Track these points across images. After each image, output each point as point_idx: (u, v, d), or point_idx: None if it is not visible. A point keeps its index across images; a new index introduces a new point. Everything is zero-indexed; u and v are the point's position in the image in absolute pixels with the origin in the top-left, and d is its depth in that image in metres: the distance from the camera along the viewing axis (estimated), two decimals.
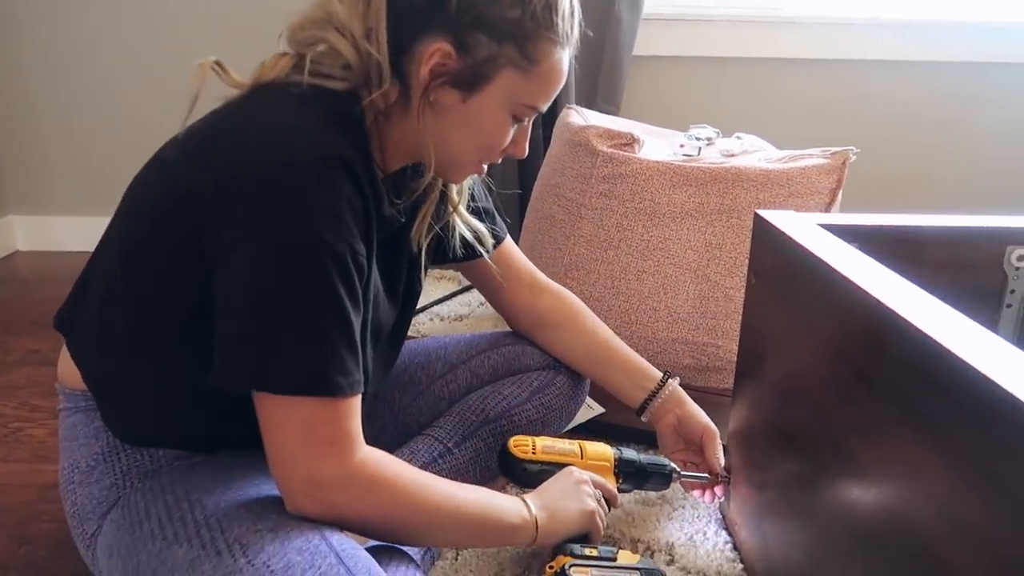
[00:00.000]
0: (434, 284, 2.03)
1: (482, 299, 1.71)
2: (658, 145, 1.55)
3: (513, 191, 1.97)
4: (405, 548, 0.83)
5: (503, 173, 2.15)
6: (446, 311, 1.80)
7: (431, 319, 1.75)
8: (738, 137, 1.67)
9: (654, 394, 1.03)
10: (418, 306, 1.78)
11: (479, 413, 1.00)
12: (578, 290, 1.42)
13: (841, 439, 0.69)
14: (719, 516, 1.06)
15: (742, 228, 1.37)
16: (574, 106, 1.69)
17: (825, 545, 0.73)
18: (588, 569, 0.82)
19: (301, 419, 0.68)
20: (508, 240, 1.04)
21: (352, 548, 0.69)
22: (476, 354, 1.06)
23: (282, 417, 0.69)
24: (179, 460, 0.79)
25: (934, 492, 0.54)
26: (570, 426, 1.16)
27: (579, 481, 0.89)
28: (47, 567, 0.94)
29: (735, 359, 1.03)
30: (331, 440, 0.69)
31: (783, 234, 0.85)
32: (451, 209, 0.91)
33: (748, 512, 0.95)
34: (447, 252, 0.97)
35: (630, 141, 1.43)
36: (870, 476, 0.64)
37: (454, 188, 0.91)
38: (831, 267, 0.71)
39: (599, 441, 1.01)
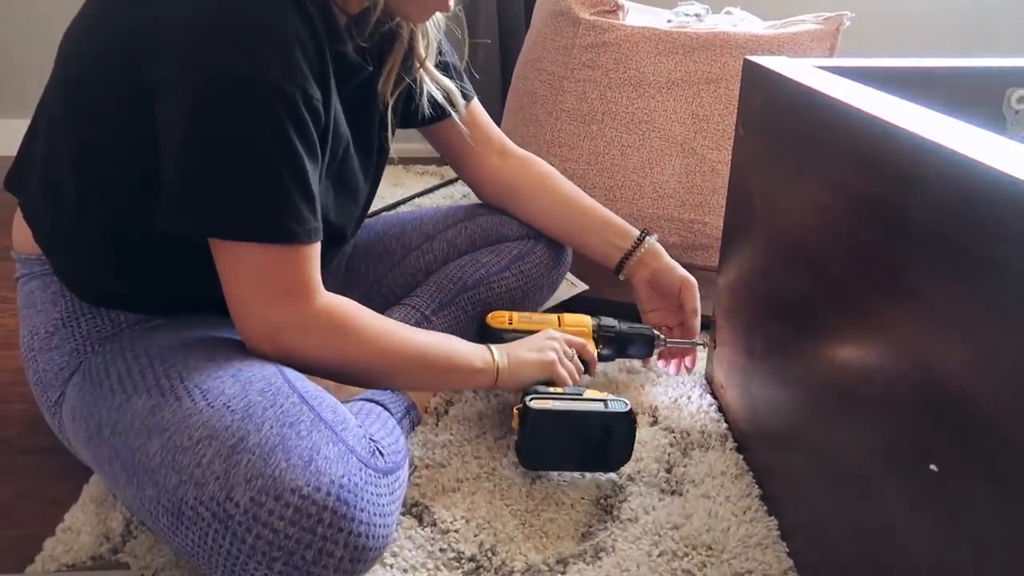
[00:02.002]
0: (415, 179, 1.97)
1: (467, 191, 1.67)
2: (644, 20, 1.47)
3: (483, 40, 1.91)
4: (387, 405, 0.81)
5: (484, 60, 2.08)
6: (428, 203, 1.75)
7: None
8: (728, 12, 1.59)
9: (631, 252, 1.00)
10: (400, 199, 1.75)
11: (456, 281, 0.97)
12: (561, 167, 1.37)
13: (844, 292, 0.64)
14: (704, 382, 1.04)
15: (730, 98, 1.31)
16: None
17: (812, 405, 0.71)
18: (549, 400, 0.82)
19: (256, 266, 0.66)
20: (475, 101, 1.00)
21: (315, 389, 0.67)
22: (453, 224, 1.02)
23: (237, 264, 0.67)
24: (139, 323, 0.76)
25: (967, 347, 0.48)
26: (551, 303, 1.14)
27: (548, 337, 0.89)
28: (19, 443, 0.92)
29: (722, 236, 1.00)
30: (288, 288, 0.68)
31: (779, 75, 0.80)
32: (418, 64, 0.86)
33: (735, 375, 0.94)
34: (416, 113, 0.92)
35: (614, 8, 1.35)
36: (869, 333, 0.60)
37: (421, 42, 0.85)
38: (843, 103, 0.64)
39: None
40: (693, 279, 1.01)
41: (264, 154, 0.63)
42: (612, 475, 0.85)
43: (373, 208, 1.68)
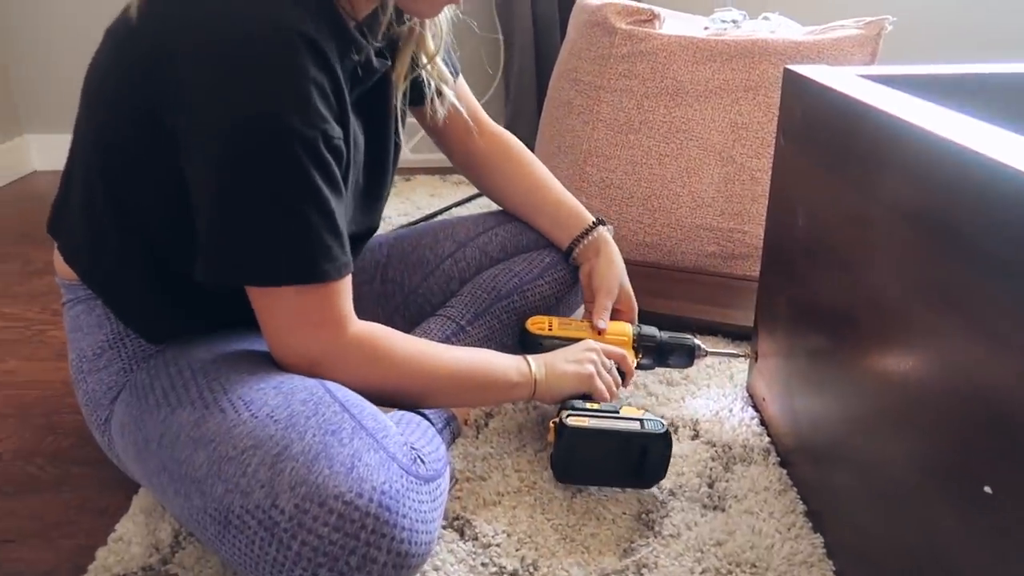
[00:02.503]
0: (451, 188, 1.99)
1: None
2: (680, 28, 1.47)
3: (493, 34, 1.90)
4: (428, 416, 0.81)
5: (520, 67, 2.08)
6: (464, 213, 1.76)
7: None
8: (765, 18, 1.57)
9: (578, 239, 1.00)
10: (436, 209, 1.76)
11: (491, 291, 0.97)
12: (598, 177, 1.37)
13: (890, 305, 0.63)
14: (745, 395, 1.03)
15: (769, 106, 1.30)
16: None
17: (858, 419, 0.70)
18: (586, 418, 0.81)
19: (290, 306, 0.68)
20: (460, 77, 1.00)
21: (356, 398, 0.68)
22: (484, 231, 1.03)
23: (272, 306, 0.68)
24: (181, 339, 0.78)
25: (1019, 363, 0.47)
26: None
27: (586, 348, 0.89)
28: (72, 454, 0.95)
29: (762, 244, 0.98)
30: (321, 322, 0.69)
31: (820, 85, 0.79)
32: (427, 59, 0.86)
33: (777, 388, 0.92)
34: (421, 99, 0.92)
35: (650, 17, 1.35)
36: (917, 346, 0.59)
37: (430, 37, 0.85)
38: (888, 114, 0.63)
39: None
40: (615, 284, 0.98)
41: (291, 201, 0.64)
42: (653, 490, 0.84)
43: (411, 220, 1.70)
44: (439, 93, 0.91)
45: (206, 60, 0.62)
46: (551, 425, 0.83)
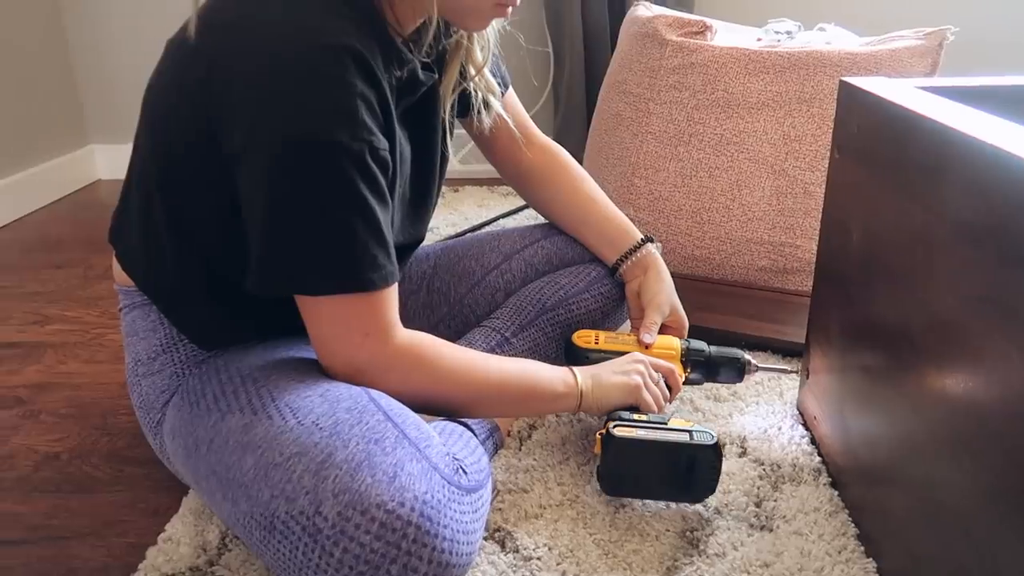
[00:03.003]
0: (499, 199, 1.99)
1: None
2: (733, 40, 1.45)
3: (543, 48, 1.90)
4: (471, 427, 0.82)
5: (569, 80, 2.09)
6: (512, 224, 1.76)
7: None
8: (821, 29, 1.54)
9: (626, 256, 0.99)
10: (485, 219, 1.77)
11: (535, 303, 0.97)
12: (647, 190, 1.36)
13: (949, 324, 0.61)
14: (795, 412, 1.01)
15: (824, 118, 1.28)
16: (643, 2, 1.59)
17: (913, 440, 0.67)
18: (633, 429, 0.80)
19: (337, 314, 0.69)
20: (510, 89, 1.00)
21: (400, 407, 0.68)
22: (530, 244, 1.03)
23: (320, 313, 0.69)
24: (232, 345, 0.80)
25: None
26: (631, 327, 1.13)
27: (634, 360, 0.88)
28: (126, 455, 0.97)
29: (815, 259, 0.96)
30: (367, 331, 0.70)
31: (878, 97, 0.77)
32: (475, 71, 0.87)
33: (829, 406, 0.90)
34: (467, 109, 0.93)
35: (702, 29, 1.34)
36: (977, 365, 0.56)
37: (478, 49, 0.86)
38: (950, 128, 0.60)
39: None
40: (666, 301, 0.97)
41: (338, 213, 0.65)
42: (698, 507, 0.83)
43: (458, 230, 1.71)
44: (486, 104, 0.91)
45: (257, 77, 0.64)
46: (597, 437, 0.82)
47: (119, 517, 0.86)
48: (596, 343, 0.94)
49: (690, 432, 0.80)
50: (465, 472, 0.66)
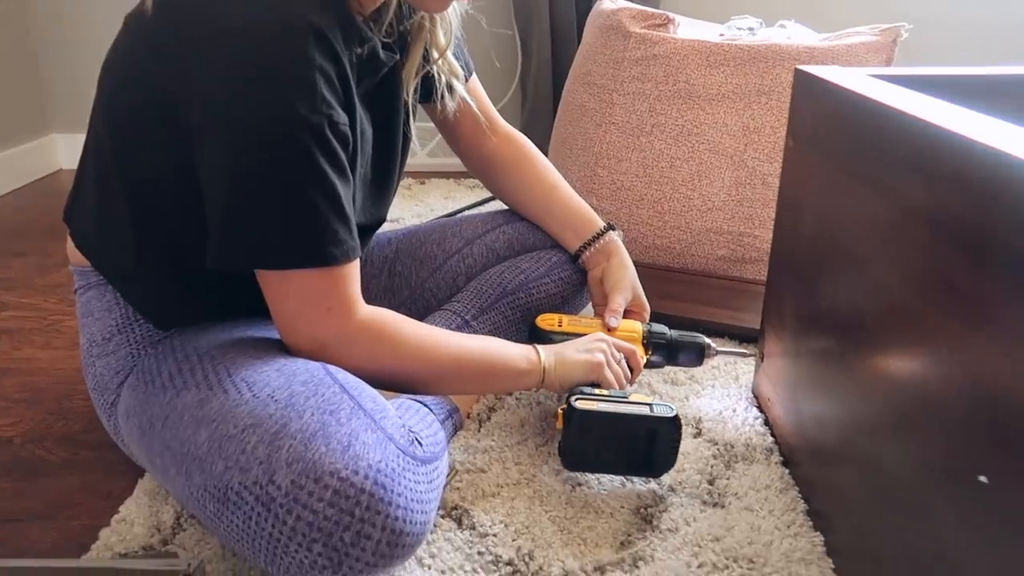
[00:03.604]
0: (466, 192, 2.00)
1: None
2: (696, 34, 1.47)
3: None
4: (430, 407, 0.82)
5: (536, 74, 2.10)
6: None
7: None
8: (782, 26, 1.57)
9: (589, 243, 1.00)
10: (450, 211, 1.77)
11: (496, 287, 0.98)
12: (609, 180, 1.38)
13: (897, 305, 0.63)
14: (750, 395, 1.03)
15: (782, 110, 1.30)
16: None
17: (861, 419, 0.69)
18: (595, 402, 0.81)
19: (299, 289, 0.69)
20: (474, 76, 1.00)
21: (356, 381, 0.69)
22: (492, 229, 1.04)
23: (281, 289, 0.69)
24: (189, 325, 0.79)
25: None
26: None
27: (597, 339, 0.89)
28: (81, 439, 0.96)
29: (771, 247, 0.98)
30: (329, 306, 0.70)
31: (831, 84, 0.79)
32: (438, 54, 0.87)
33: (782, 388, 0.92)
34: (431, 93, 0.93)
35: (664, 22, 1.35)
36: (922, 345, 0.58)
37: (440, 32, 0.86)
38: (900, 111, 0.62)
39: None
40: (629, 285, 0.99)
41: (299, 186, 0.65)
42: (653, 485, 0.84)
43: (423, 222, 1.71)
44: (449, 88, 0.92)
45: (216, 51, 0.63)
46: (559, 412, 0.82)
47: (72, 500, 0.85)
48: (560, 326, 0.96)
49: (650, 405, 0.81)
50: (420, 444, 0.66)
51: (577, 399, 0.81)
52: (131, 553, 0.75)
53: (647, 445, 0.80)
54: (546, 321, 0.96)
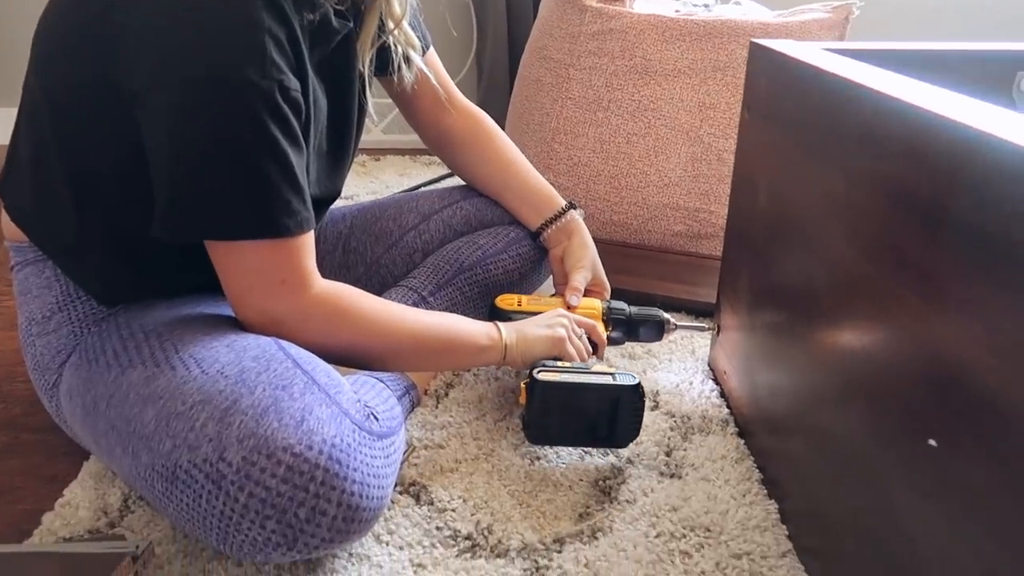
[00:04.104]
0: (423, 169, 1.97)
1: None
2: (652, 9, 1.46)
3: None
4: (386, 383, 0.81)
5: (493, 49, 2.08)
6: None
7: None
8: (737, 2, 1.58)
9: (550, 221, 1.00)
10: (406, 188, 1.75)
11: (453, 263, 0.97)
12: (566, 155, 1.37)
13: (849, 274, 0.63)
14: (706, 368, 1.04)
15: (737, 86, 1.30)
16: None
17: (814, 389, 0.70)
18: (558, 373, 0.81)
19: (251, 262, 0.67)
20: (431, 50, 0.98)
21: (310, 356, 0.67)
22: (448, 205, 1.02)
23: (232, 261, 0.67)
24: (135, 302, 0.77)
25: (973, 325, 0.47)
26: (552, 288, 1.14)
27: (557, 314, 0.88)
28: (22, 422, 0.93)
29: (726, 220, 0.98)
30: (283, 279, 0.68)
31: (785, 56, 0.79)
32: (394, 24, 0.85)
33: (738, 361, 0.93)
34: (387, 66, 0.90)
35: None
36: (871, 312, 0.59)
37: (395, 2, 0.83)
38: (852, 82, 0.62)
39: None
40: (590, 264, 0.99)
41: (249, 153, 0.63)
42: (611, 458, 0.84)
43: (379, 198, 1.68)
44: (406, 59, 0.90)
45: (158, 13, 0.61)
46: (521, 386, 0.82)
47: (14, 484, 0.82)
48: (519, 306, 0.95)
49: (612, 375, 0.81)
50: (377, 418, 0.65)
51: (539, 371, 0.81)
52: (76, 537, 0.73)
53: (610, 415, 0.80)
54: (505, 301, 0.96)
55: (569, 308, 0.95)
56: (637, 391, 0.80)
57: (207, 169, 0.63)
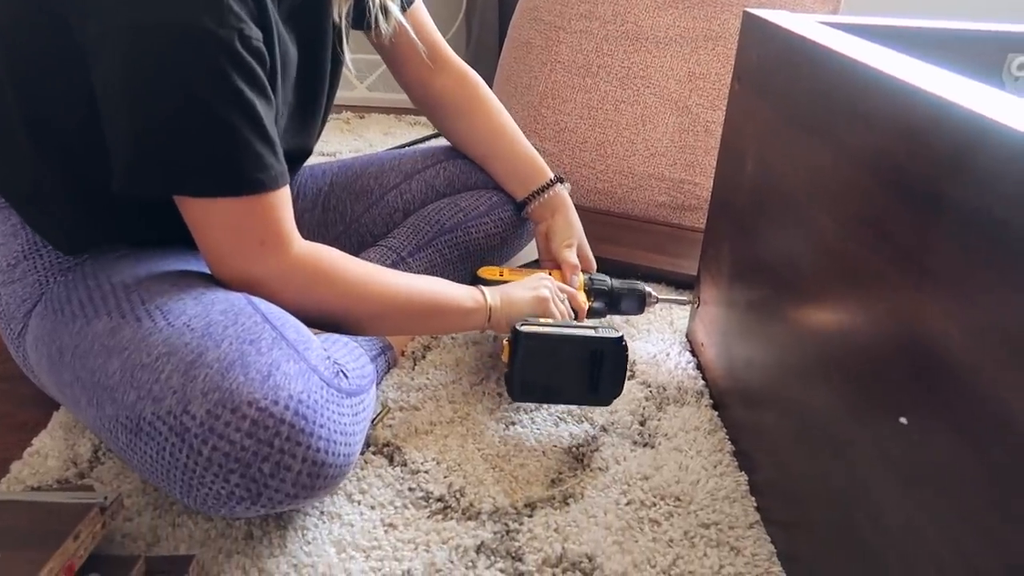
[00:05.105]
0: (407, 128, 1.95)
1: None
2: None
3: None
4: (360, 343, 0.80)
5: (483, 9, 2.04)
6: None
7: None
8: None
9: (535, 194, 0.99)
10: (390, 147, 1.72)
11: (434, 224, 0.95)
12: (553, 120, 1.35)
13: (831, 249, 0.63)
14: (684, 340, 1.04)
15: (728, 57, 1.29)
16: None
17: (788, 362, 0.70)
18: (540, 326, 0.81)
19: (226, 220, 0.65)
20: (417, 5, 0.95)
21: (280, 311, 0.66)
22: (432, 164, 1.01)
23: (207, 220, 0.65)
24: (103, 254, 0.75)
25: (950, 303, 0.48)
26: (531, 257, 1.13)
27: (540, 278, 0.88)
28: None
29: (711, 191, 0.98)
30: (262, 239, 0.66)
31: (779, 28, 0.78)
32: None
33: (716, 333, 0.93)
34: (361, 19, 0.88)
35: None
36: (851, 290, 0.59)
37: None
38: (845, 56, 0.61)
39: None
40: (575, 241, 0.98)
41: (212, 105, 0.60)
42: (585, 425, 0.85)
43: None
44: (384, 10, 0.87)
45: None
46: (504, 343, 0.82)
47: None
48: (501, 276, 0.95)
49: (595, 328, 0.82)
50: (346, 376, 0.65)
51: (522, 325, 0.81)
52: (44, 487, 0.72)
53: (593, 368, 0.80)
54: (488, 272, 0.96)
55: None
56: (620, 343, 0.80)
57: (171, 123, 0.60)
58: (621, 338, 0.80)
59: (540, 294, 0.85)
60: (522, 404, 0.87)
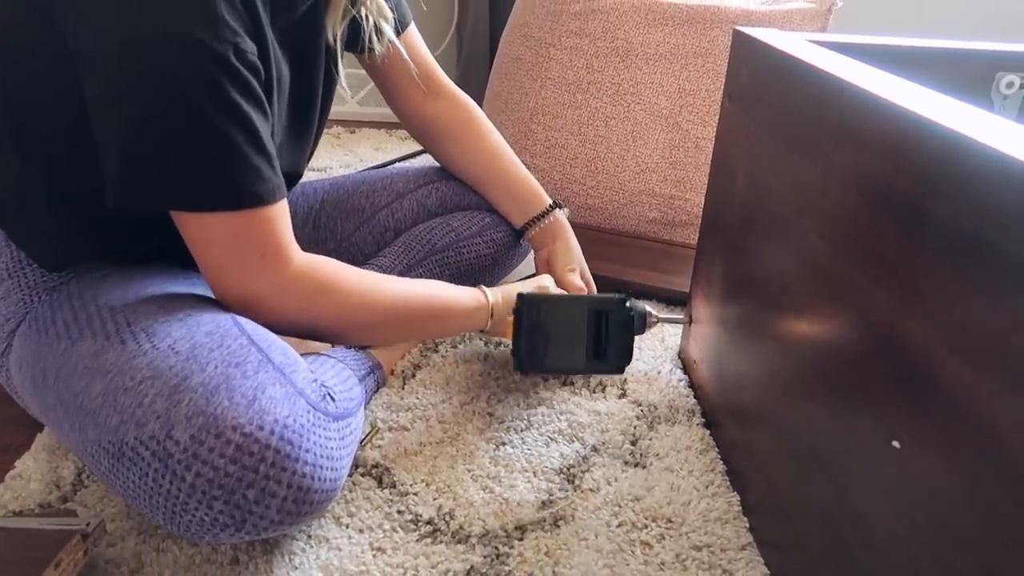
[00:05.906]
0: (397, 143, 1.95)
1: None
2: None
3: None
4: (348, 364, 0.79)
5: (474, 24, 2.04)
6: None
7: None
8: None
9: (535, 221, 0.99)
10: (380, 163, 1.72)
11: (425, 244, 0.95)
12: (543, 136, 1.35)
13: (820, 267, 0.63)
14: (675, 357, 1.04)
15: (718, 73, 1.30)
16: None
17: (780, 382, 0.70)
18: (544, 296, 0.83)
19: (225, 234, 0.64)
20: (411, 30, 0.95)
21: (266, 333, 0.65)
22: (424, 184, 1.00)
23: (205, 235, 0.64)
24: (89, 272, 0.74)
25: (939, 322, 0.49)
26: (523, 274, 1.12)
27: (542, 277, 0.90)
28: None
29: (703, 209, 0.98)
30: (262, 252, 0.65)
31: (768, 46, 0.78)
32: None
33: (708, 351, 0.93)
34: (358, 41, 0.88)
35: None
36: (841, 309, 0.59)
37: None
38: (834, 76, 0.61)
39: None
40: (575, 265, 0.99)
41: (208, 117, 0.60)
42: (576, 446, 0.84)
43: (352, 171, 1.65)
44: (378, 31, 0.87)
45: None
46: (508, 320, 0.82)
47: None
48: None
49: (597, 294, 0.84)
50: (333, 399, 0.64)
51: (527, 295, 0.82)
52: (26, 511, 0.71)
53: (599, 331, 0.80)
54: None
55: None
56: (624, 304, 0.80)
57: (163, 135, 0.60)
58: (625, 298, 0.80)
59: (541, 283, 0.87)
60: (511, 424, 0.86)
